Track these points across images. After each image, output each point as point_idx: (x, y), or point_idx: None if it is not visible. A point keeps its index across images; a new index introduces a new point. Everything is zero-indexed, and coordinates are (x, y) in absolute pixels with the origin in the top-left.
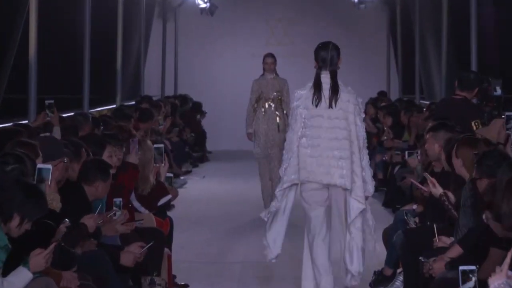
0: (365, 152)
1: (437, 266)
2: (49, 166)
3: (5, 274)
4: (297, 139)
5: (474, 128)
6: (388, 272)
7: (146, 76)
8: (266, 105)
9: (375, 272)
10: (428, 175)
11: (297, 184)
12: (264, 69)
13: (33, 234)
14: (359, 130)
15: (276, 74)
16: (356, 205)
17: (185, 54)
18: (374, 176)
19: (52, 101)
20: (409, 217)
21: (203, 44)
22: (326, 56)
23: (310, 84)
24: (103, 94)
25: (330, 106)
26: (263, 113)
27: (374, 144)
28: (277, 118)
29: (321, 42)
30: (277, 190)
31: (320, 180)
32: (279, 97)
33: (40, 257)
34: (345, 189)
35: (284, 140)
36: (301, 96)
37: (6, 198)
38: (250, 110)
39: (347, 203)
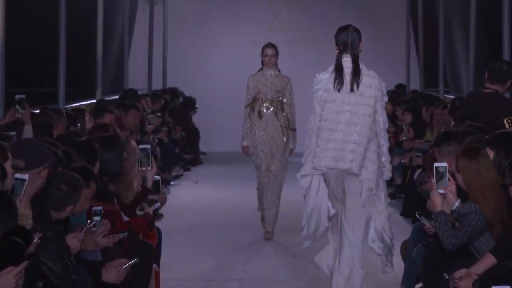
0: (386, 137)
1: (463, 285)
2: (25, 176)
3: None
4: (319, 123)
5: (507, 126)
6: None
7: (131, 67)
8: (263, 108)
9: None
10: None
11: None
12: (262, 63)
13: (1, 252)
14: (378, 116)
15: (278, 70)
16: (366, 185)
17: (175, 42)
18: (392, 181)
19: (23, 96)
20: (422, 218)
21: (196, 31)
22: (347, 39)
23: (332, 67)
24: (81, 87)
25: (352, 90)
26: (258, 118)
27: (391, 145)
28: (279, 124)
29: (341, 26)
30: (299, 174)
31: (333, 165)
32: (280, 99)
33: (10, 276)
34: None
35: (285, 152)
36: (322, 79)
37: None
38: (245, 114)
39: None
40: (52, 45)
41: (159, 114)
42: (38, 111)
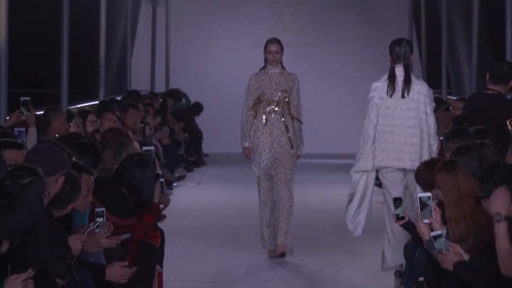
0: (435, 138)
1: (447, 259)
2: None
3: None
4: (373, 127)
5: (510, 128)
6: None
7: (133, 68)
8: (268, 110)
9: None
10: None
11: (368, 172)
12: (266, 61)
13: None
14: (429, 119)
15: (283, 68)
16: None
17: (177, 43)
18: None
19: (28, 98)
20: (398, 208)
21: (198, 31)
22: (400, 51)
23: (385, 76)
24: (83, 88)
25: (403, 96)
26: (264, 122)
27: None
28: (285, 128)
29: (395, 39)
30: (352, 171)
31: (391, 164)
32: (286, 99)
33: (17, 283)
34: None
35: (292, 157)
36: (377, 87)
37: None
38: (247, 116)
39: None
40: (54, 46)
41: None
42: (42, 112)
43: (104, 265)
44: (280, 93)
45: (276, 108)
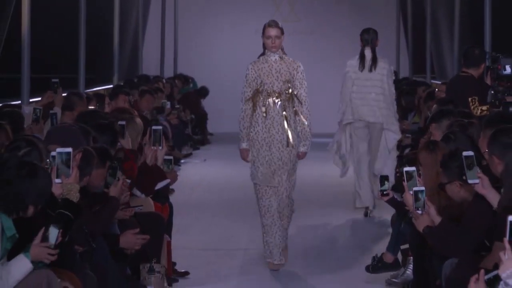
0: (394, 103)
1: (419, 222)
2: (69, 149)
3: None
4: (349, 94)
5: (471, 104)
6: (389, 258)
7: (145, 54)
8: (270, 102)
9: (374, 257)
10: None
11: (347, 125)
12: (264, 47)
13: (43, 223)
14: (390, 88)
15: (284, 54)
16: (392, 136)
17: (185, 32)
18: None
19: (57, 80)
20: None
21: (203, 21)
22: (368, 37)
23: (357, 56)
24: (99, 73)
25: (370, 71)
26: (264, 115)
27: None
28: (286, 124)
29: (364, 28)
30: (338, 123)
31: (367, 119)
32: (289, 90)
33: (45, 251)
34: (382, 128)
35: (295, 159)
36: (351, 64)
37: (20, 192)
38: (244, 111)
39: (385, 137)
40: (73, 35)
41: (177, 106)
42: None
43: (118, 234)
44: (282, 84)
45: (277, 100)
